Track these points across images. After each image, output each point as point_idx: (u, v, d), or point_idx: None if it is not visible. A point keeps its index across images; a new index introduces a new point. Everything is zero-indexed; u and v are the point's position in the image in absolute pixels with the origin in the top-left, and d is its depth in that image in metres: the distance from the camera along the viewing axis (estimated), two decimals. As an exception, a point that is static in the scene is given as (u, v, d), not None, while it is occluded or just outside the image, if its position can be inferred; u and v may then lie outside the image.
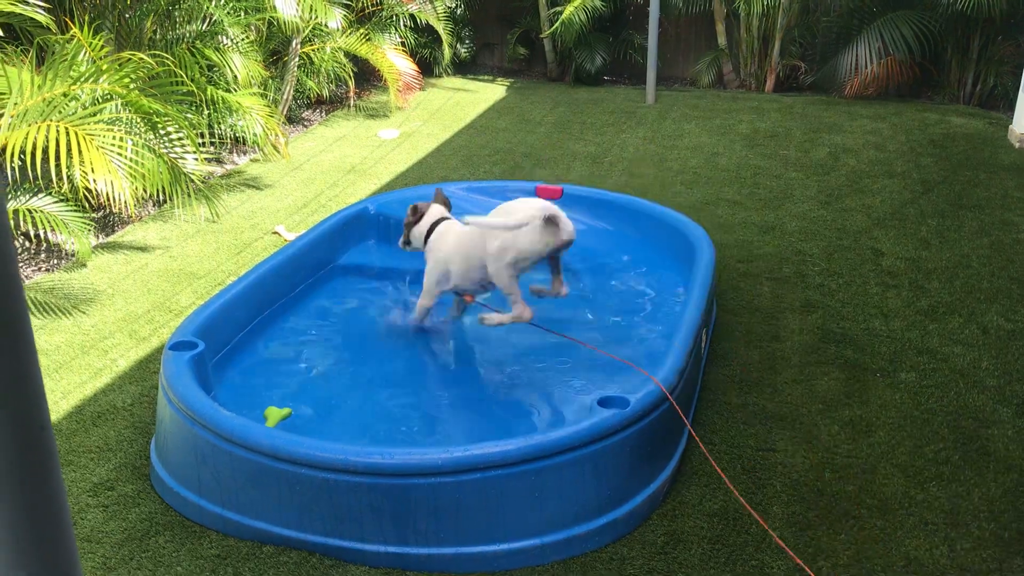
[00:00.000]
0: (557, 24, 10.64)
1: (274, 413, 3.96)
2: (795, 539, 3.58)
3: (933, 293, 5.65)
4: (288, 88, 8.95)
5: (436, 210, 4.73)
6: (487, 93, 10.94)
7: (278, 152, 8.10)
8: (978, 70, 10.08)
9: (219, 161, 8.17)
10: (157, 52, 6.55)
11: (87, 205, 6.33)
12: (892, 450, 4.14)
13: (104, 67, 5.54)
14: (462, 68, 11.93)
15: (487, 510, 3.41)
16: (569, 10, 10.38)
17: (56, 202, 5.83)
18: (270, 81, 8.69)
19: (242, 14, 7.88)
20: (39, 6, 5.87)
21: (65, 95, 5.44)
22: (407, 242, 4.76)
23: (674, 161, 8.23)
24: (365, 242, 5.96)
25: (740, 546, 3.55)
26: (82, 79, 5.56)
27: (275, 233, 6.57)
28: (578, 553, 3.50)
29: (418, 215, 4.69)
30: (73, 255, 6.18)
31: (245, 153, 8.44)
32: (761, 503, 3.79)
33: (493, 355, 4.75)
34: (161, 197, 6.73)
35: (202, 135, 7.09)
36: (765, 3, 10.10)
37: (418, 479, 3.35)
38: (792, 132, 9.07)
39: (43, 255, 6.19)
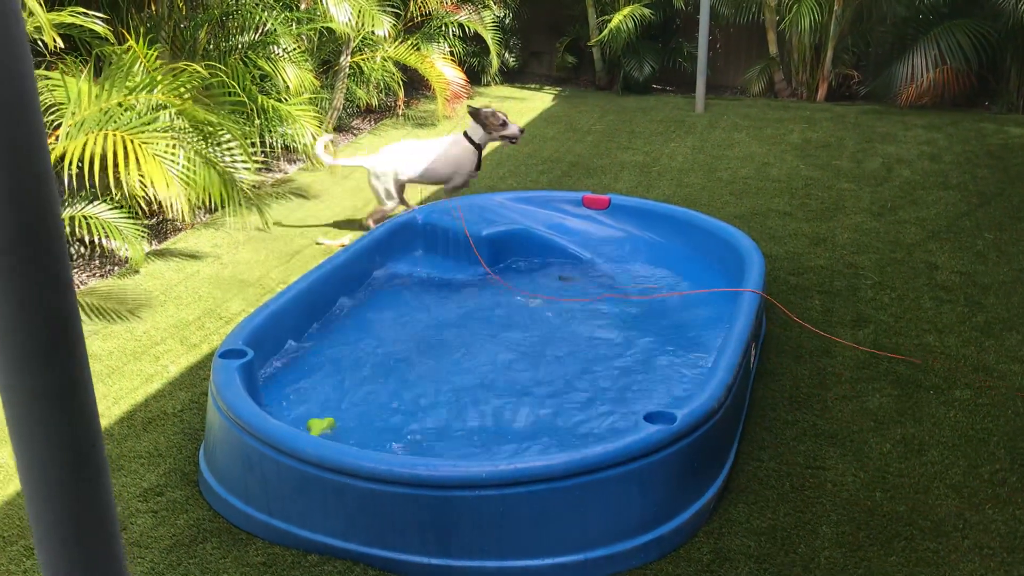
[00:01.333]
0: (605, 32, 10.62)
1: (316, 424, 3.99)
2: (844, 560, 3.51)
3: (989, 308, 5.51)
4: (338, 97, 9.03)
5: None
6: (535, 102, 10.94)
7: (324, 162, 8.17)
8: (1038, 79, 9.85)
9: (269, 169, 8.28)
10: (211, 62, 6.65)
11: (140, 213, 6.45)
12: (946, 470, 4.04)
13: (159, 77, 5.64)
14: (510, 77, 11.95)
15: (531, 524, 3.39)
16: (617, 18, 10.35)
17: (110, 209, 5.94)
18: (320, 90, 8.79)
19: (294, 24, 7.98)
20: (98, 17, 6.00)
21: (121, 105, 5.54)
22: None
23: (724, 171, 8.15)
24: (412, 252, 5.98)
25: (788, 566, 3.48)
26: (137, 89, 5.66)
27: (318, 244, 6.63)
28: (622, 569, 3.46)
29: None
30: (126, 261, 6.29)
31: (295, 161, 8.54)
32: (810, 522, 3.72)
33: (540, 366, 4.74)
34: (212, 205, 6.83)
35: (253, 144, 7.18)
36: (813, 19, 9.97)
37: (462, 491, 3.34)
38: (844, 142, 8.93)
39: (97, 261, 6.32)
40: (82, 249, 6.38)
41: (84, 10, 5.96)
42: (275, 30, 7.65)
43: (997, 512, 3.77)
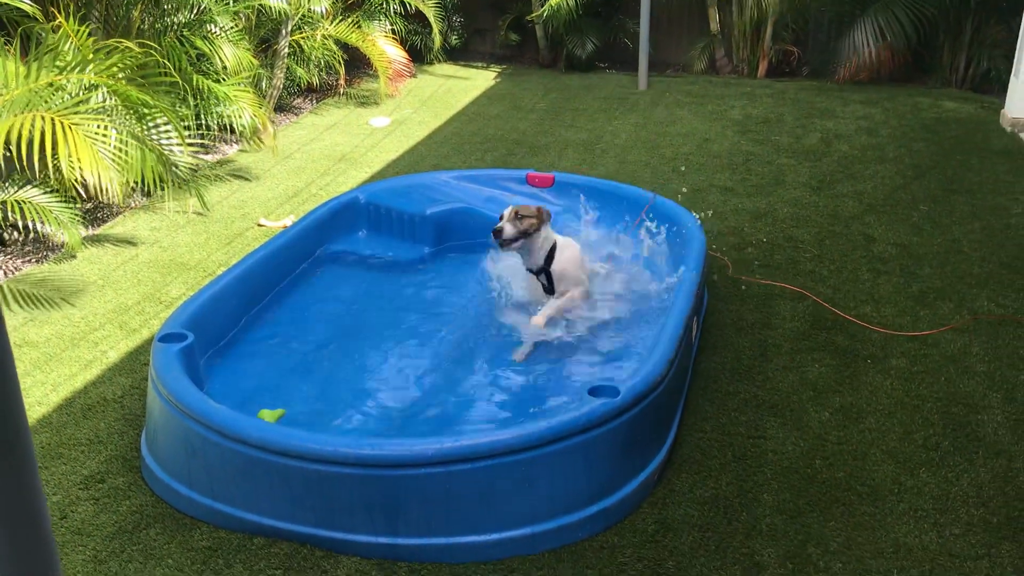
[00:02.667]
0: (545, 8, 10.59)
1: (267, 415, 3.95)
2: (785, 526, 3.59)
3: (924, 279, 5.65)
4: (278, 76, 8.90)
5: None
6: (479, 80, 10.90)
7: (262, 143, 8.06)
8: (970, 54, 10.06)
9: (208, 151, 8.13)
10: (145, 41, 6.50)
11: (76, 197, 6.30)
12: (882, 437, 4.15)
13: (90, 56, 5.49)
14: (453, 55, 11.88)
15: (478, 500, 3.41)
16: (560, -4, 10.33)
17: (45, 193, 5.79)
18: (260, 71, 8.64)
19: (231, 2, 7.83)
20: (25, -5, 5.82)
21: (51, 85, 5.40)
22: (513, 240, 4.61)
23: (666, 147, 8.22)
24: (356, 231, 5.94)
25: (730, 534, 3.55)
26: (68, 69, 5.52)
27: (260, 225, 6.54)
28: (569, 542, 3.50)
29: (542, 219, 4.69)
30: (62, 247, 6.15)
31: (234, 143, 8.40)
32: (752, 490, 3.79)
33: (484, 345, 4.74)
34: (150, 188, 6.70)
35: (189, 126, 7.04)
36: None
37: (408, 470, 3.34)
38: (784, 118, 9.05)
39: (31, 247, 6.16)
40: (16, 234, 6.22)
41: (10, -13, 5.78)
42: (211, 8, 7.49)
43: (930, 476, 3.88)
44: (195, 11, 7.60)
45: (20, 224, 6.13)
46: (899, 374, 4.63)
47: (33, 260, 6.01)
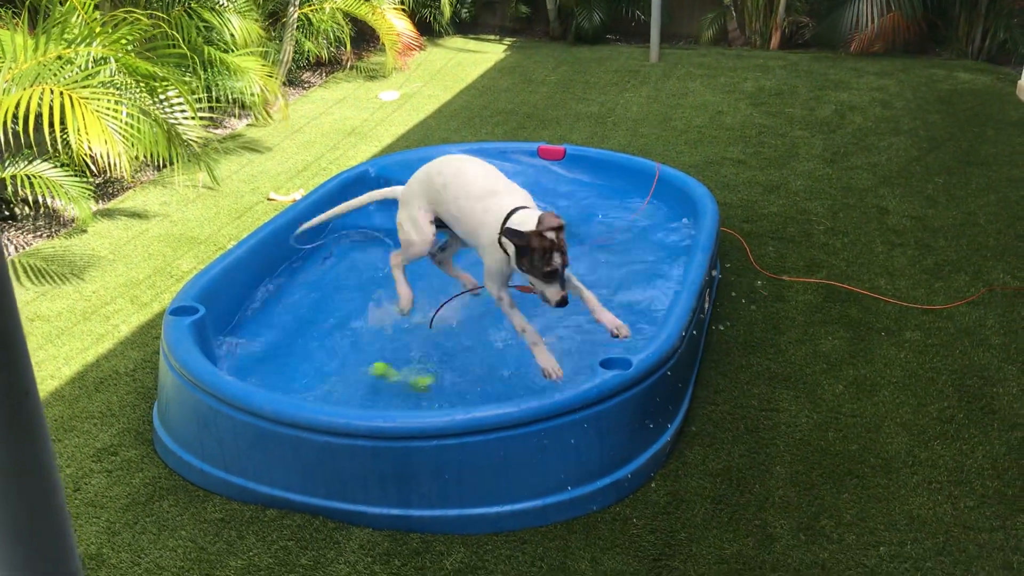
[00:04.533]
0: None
1: (419, 382, 3.99)
2: (798, 498, 3.58)
3: (939, 251, 5.60)
4: (287, 49, 8.85)
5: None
6: (489, 53, 10.82)
7: (270, 117, 8.02)
8: (986, 24, 9.92)
9: (217, 125, 8.11)
10: (153, 11, 6.46)
11: (87, 171, 6.29)
12: (896, 409, 4.12)
13: (97, 29, 5.46)
14: (463, 28, 11.78)
15: (490, 472, 3.40)
16: (571, -33, 10.22)
17: (55, 168, 5.79)
18: (268, 43, 8.59)
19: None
20: (32, -32, 5.79)
21: (59, 58, 5.37)
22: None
23: (678, 120, 8.15)
24: (366, 205, 5.90)
25: (743, 506, 3.55)
26: (76, 41, 5.49)
27: (270, 200, 6.52)
28: (581, 514, 3.50)
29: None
30: (73, 221, 6.15)
31: (244, 117, 8.37)
32: (764, 463, 3.78)
33: (495, 317, 4.72)
34: (160, 162, 6.69)
35: (200, 98, 7.01)
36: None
37: (421, 442, 3.34)
38: (797, 90, 8.96)
39: (42, 221, 6.16)
40: (26, 209, 6.22)
41: (17, -40, 5.75)
42: (219, -20, 7.44)
43: (944, 448, 3.86)
44: (203, -17, 7.55)
45: (31, 199, 6.13)
46: (913, 347, 4.60)
47: (44, 235, 6.01)
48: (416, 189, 4.18)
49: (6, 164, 5.67)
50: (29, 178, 5.62)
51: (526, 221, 3.57)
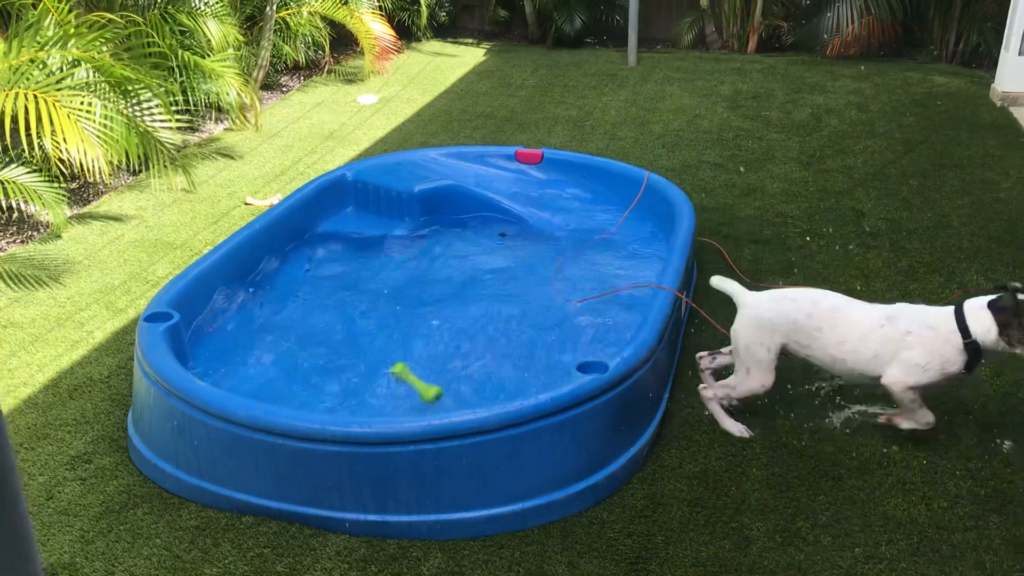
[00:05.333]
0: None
1: (426, 391, 3.98)
2: (774, 500, 3.60)
3: (914, 253, 5.64)
4: (264, 54, 8.81)
5: None
6: (467, 57, 10.81)
7: (247, 121, 7.98)
8: (960, 28, 10.02)
9: (194, 129, 8.06)
10: (128, 14, 6.41)
11: (61, 175, 6.24)
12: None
13: (71, 32, 5.42)
14: (442, 32, 11.78)
15: (467, 477, 3.40)
16: (549, -29, 10.23)
17: (29, 172, 5.73)
18: (244, 47, 8.55)
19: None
20: (4, -29, 5.74)
21: (32, 61, 5.32)
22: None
23: (656, 124, 8.17)
24: (343, 210, 5.90)
25: (719, 508, 3.56)
26: (49, 44, 5.44)
27: (247, 204, 6.49)
28: (558, 518, 3.50)
29: None
30: (47, 226, 6.09)
31: (221, 121, 8.33)
32: (741, 465, 3.79)
33: (473, 321, 4.72)
34: (136, 167, 6.64)
35: (176, 102, 6.97)
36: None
37: (397, 447, 3.33)
38: (774, 93, 9.01)
39: (16, 226, 6.10)
40: (0, 214, 6.16)
41: (-11, -37, 5.70)
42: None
43: (918, 449, 3.89)
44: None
45: (4, 204, 6.07)
46: (888, 348, 4.62)
47: (18, 240, 5.95)
48: (773, 327, 3.85)
49: (-22, 169, 5.61)
50: (3, 183, 5.56)
51: (980, 310, 3.63)
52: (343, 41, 10.76)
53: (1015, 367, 4.43)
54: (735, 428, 3.98)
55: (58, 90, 5.30)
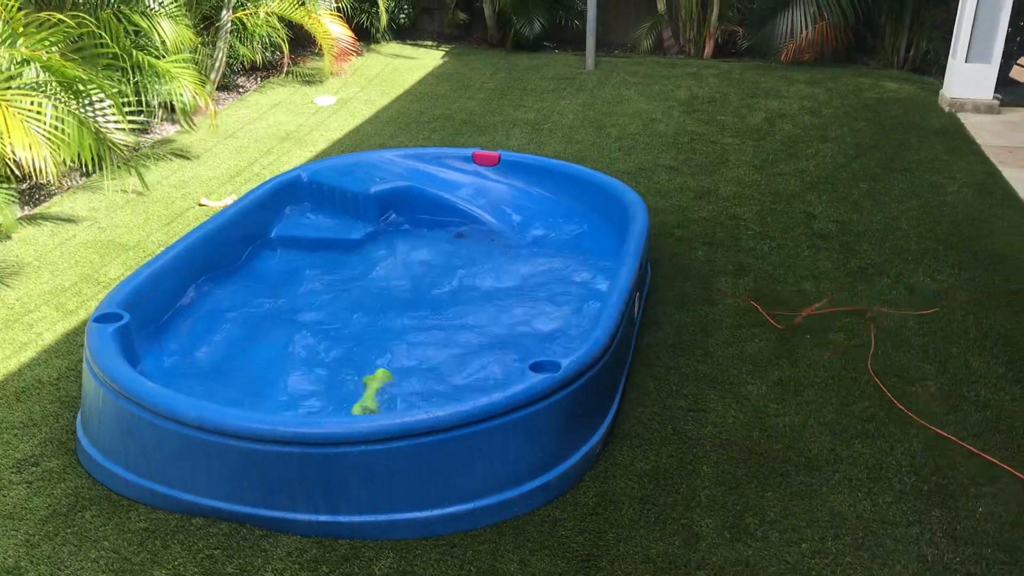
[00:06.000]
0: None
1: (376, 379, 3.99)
2: (724, 497, 3.65)
3: (863, 254, 5.75)
4: (220, 55, 8.74)
5: None
6: (426, 59, 10.81)
7: (193, 125, 7.90)
8: (911, 35, 10.21)
9: (148, 130, 7.97)
10: (79, 14, 6.33)
11: (11, 176, 6.14)
12: (820, 409, 4.22)
13: (20, 30, 5.34)
14: (401, 34, 11.76)
15: (419, 476, 3.40)
16: (507, -25, 10.27)
17: (-24, 173, 5.64)
18: (200, 47, 8.47)
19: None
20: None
21: (-20, 61, 5.24)
22: None
23: (613, 127, 8.24)
24: (298, 210, 5.87)
25: (670, 505, 3.60)
26: (-2, 44, 5.36)
27: (201, 205, 6.44)
28: (511, 516, 3.52)
29: None
30: (-4, 227, 5.99)
31: (175, 122, 8.24)
32: (691, 463, 3.84)
33: (426, 322, 4.73)
34: (88, 167, 6.55)
35: (129, 103, 6.89)
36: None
37: (348, 448, 3.33)
38: (729, 98, 9.12)
39: (-36, 228, 6.00)
40: (-54, 215, 6.04)
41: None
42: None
43: (865, 446, 3.96)
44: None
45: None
46: (837, 348, 4.71)
47: (-35, 241, 5.85)
48: None
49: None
50: (-51, 183, 5.46)
51: None
52: (301, 42, 10.71)
53: (958, 366, 4.54)
54: None
55: (7, 88, 5.22)
